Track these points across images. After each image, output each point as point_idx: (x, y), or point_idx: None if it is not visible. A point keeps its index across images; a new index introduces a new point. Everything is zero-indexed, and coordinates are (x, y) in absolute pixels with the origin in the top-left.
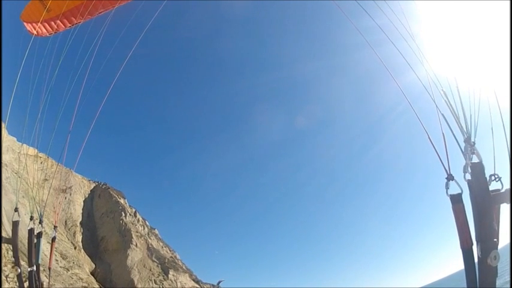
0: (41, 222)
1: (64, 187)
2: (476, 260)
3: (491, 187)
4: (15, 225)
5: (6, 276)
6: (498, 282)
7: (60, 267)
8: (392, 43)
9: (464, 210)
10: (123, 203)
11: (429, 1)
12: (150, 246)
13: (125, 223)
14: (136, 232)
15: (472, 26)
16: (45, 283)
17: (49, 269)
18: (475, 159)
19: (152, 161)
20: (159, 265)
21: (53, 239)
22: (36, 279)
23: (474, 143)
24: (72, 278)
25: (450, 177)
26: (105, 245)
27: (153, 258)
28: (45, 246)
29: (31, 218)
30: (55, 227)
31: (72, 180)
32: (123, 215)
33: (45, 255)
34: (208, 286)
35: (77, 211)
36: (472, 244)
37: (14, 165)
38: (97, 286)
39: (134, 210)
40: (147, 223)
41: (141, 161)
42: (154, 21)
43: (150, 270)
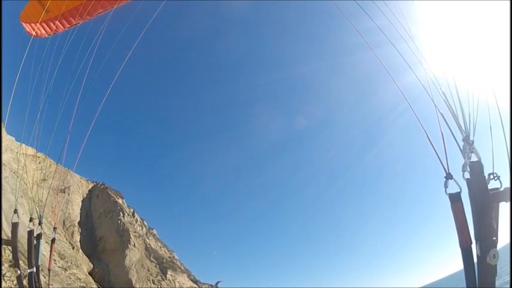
0: (40, 223)
1: (62, 187)
2: (475, 258)
3: (490, 186)
4: (15, 226)
5: (3, 275)
6: (498, 283)
7: (58, 267)
8: (392, 44)
9: (463, 209)
10: (121, 203)
11: (428, 1)
12: (148, 246)
13: (123, 223)
14: (135, 232)
15: (471, 24)
16: (43, 283)
17: (48, 270)
18: (474, 158)
19: (151, 161)
20: (157, 265)
21: (53, 240)
22: (36, 280)
23: (473, 141)
24: (70, 278)
25: (449, 176)
26: (103, 245)
27: (151, 258)
28: (44, 247)
29: (30, 219)
30: (54, 228)
31: (70, 180)
32: (121, 215)
33: (43, 255)
34: (207, 286)
35: (75, 211)
36: (471, 243)
37: (12, 164)
38: (95, 286)
39: (132, 210)
40: (145, 223)
41: (140, 161)
42: (154, 21)
43: (148, 270)
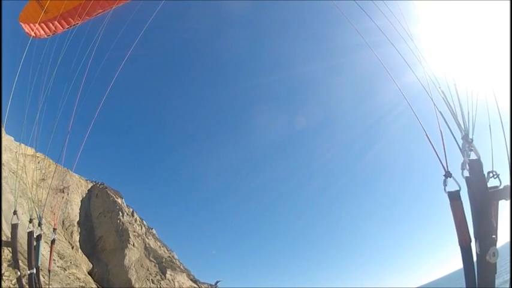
0: (40, 224)
1: (61, 187)
2: (475, 257)
3: (490, 184)
4: (14, 227)
5: (2, 275)
6: (497, 281)
7: (58, 266)
8: (392, 44)
9: (463, 207)
10: (120, 202)
11: (427, 1)
12: (147, 246)
13: (122, 223)
14: (134, 232)
15: (469, 22)
16: (42, 283)
17: (49, 271)
18: (473, 156)
19: (150, 160)
20: (157, 265)
21: (53, 241)
22: (36, 281)
23: (472, 140)
24: (69, 277)
25: (448, 174)
26: (103, 244)
27: (151, 258)
28: (43, 247)
29: (30, 220)
30: (54, 229)
31: (69, 180)
32: (121, 214)
33: (43, 255)
34: (206, 286)
35: (74, 211)
36: (470, 241)
37: (11, 164)
38: (94, 286)
39: (132, 210)
40: (145, 223)
41: (139, 161)
42: (154, 21)
43: (148, 269)
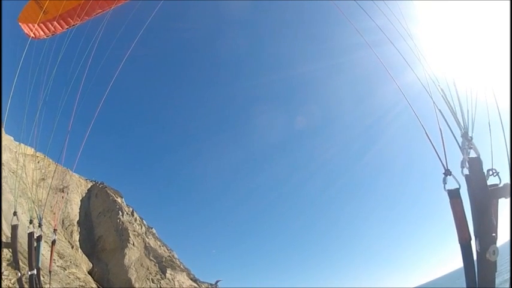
0: (40, 225)
1: (61, 186)
2: (475, 255)
3: (489, 182)
4: (15, 229)
5: (1, 273)
6: (497, 280)
7: (57, 266)
8: (392, 43)
9: (462, 205)
10: (120, 202)
11: (426, 0)
12: (147, 245)
13: (122, 222)
14: (134, 231)
15: (468, 20)
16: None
17: (49, 272)
18: (473, 154)
19: (150, 160)
20: (157, 264)
21: (53, 242)
22: (37, 282)
23: (471, 137)
24: (69, 277)
25: (448, 173)
26: (103, 244)
27: (151, 257)
28: (43, 246)
29: (31, 221)
30: (55, 230)
31: (69, 179)
32: (120, 214)
33: (42, 255)
34: (206, 285)
35: (74, 210)
36: (470, 239)
37: (11, 164)
38: (94, 285)
39: (131, 209)
40: (145, 222)
41: (139, 161)
42: (153, 21)
43: (148, 269)
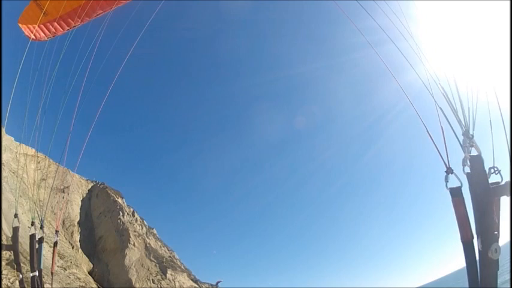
0: (42, 227)
1: (62, 187)
2: (477, 253)
3: (491, 180)
4: (16, 231)
5: (1, 273)
6: (497, 281)
7: (58, 266)
8: (393, 42)
9: (464, 204)
10: (121, 202)
11: (426, 1)
12: (148, 245)
13: (122, 222)
14: (134, 232)
15: (468, 19)
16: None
17: (51, 273)
18: (474, 152)
19: (150, 160)
20: (157, 264)
21: (55, 244)
22: (39, 284)
23: (473, 135)
24: (69, 277)
25: (449, 171)
26: (103, 244)
27: (151, 258)
28: (44, 246)
29: (32, 223)
30: (57, 232)
31: (69, 179)
32: (121, 214)
33: (43, 255)
34: (207, 286)
35: (75, 211)
36: (472, 237)
37: (11, 164)
38: (95, 286)
39: (132, 209)
40: (145, 223)
41: (139, 161)
42: (153, 21)
43: (148, 269)
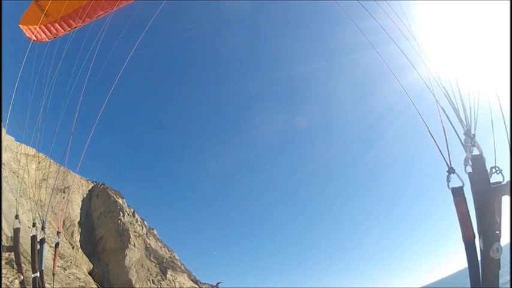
0: (43, 228)
1: (62, 187)
2: (478, 252)
3: (493, 179)
4: (16, 232)
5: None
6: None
7: (58, 266)
8: (395, 42)
9: (466, 203)
10: (121, 203)
11: (426, 1)
12: (148, 246)
13: (123, 223)
14: (135, 232)
15: (470, 18)
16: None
17: (53, 274)
18: (476, 152)
19: (151, 161)
20: (157, 265)
21: (56, 245)
22: (40, 285)
23: (474, 135)
24: (69, 277)
25: (451, 170)
26: (103, 244)
27: (151, 258)
28: (45, 250)
29: (33, 224)
30: (58, 233)
31: (70, 180)
32: (121, 215)
33: (44, 256)
34: (207, 286)
35: (75, 211)
36: (474, 237)
37: (11, 164)
38: (94, 286)
39: (132, 210)
40: (146, 223)
41: (140, 161)
42: (153, 21)
43: (148, 270)
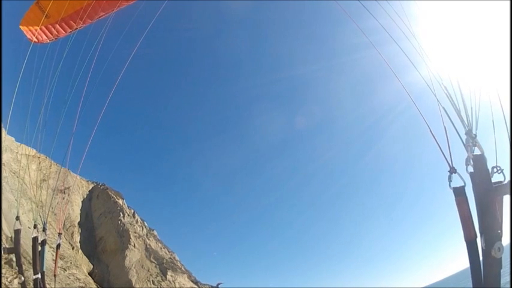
0: (44, 229)
1: (62, 187)
2: (480, 252)
3: (494, 179)
4: (17, 233)
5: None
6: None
7: (58, 267)
8: (396, 42)
9: (468, 203)
10: (121, 203)
11: (426, 1)
12: (148, 246)
13: (123, 224)
14: (135, 233)
15: (471, 18)
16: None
17: (54, 276)
18: (477, 152)
19: (151, 161)
20: (157, 266)
21: (58, 246)
22: (42, 286)
23: (475, 135)
24: (69, 278)
25: (453, 170)
26: (103, 245)
27: (152, 259)
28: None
29: (35, 226)
30: (59, 234)
31: (70, 180)
32: (122, 215)
33: (45, 258)
34: (207, 287)
35: (75, 211)
36: (475, 236)
37: (12, 165)
38: (94, 286)
39: (133, 211)
40: (146, 224)
41: (140, 162)
42: (154, 22)
43: (148, 270)
